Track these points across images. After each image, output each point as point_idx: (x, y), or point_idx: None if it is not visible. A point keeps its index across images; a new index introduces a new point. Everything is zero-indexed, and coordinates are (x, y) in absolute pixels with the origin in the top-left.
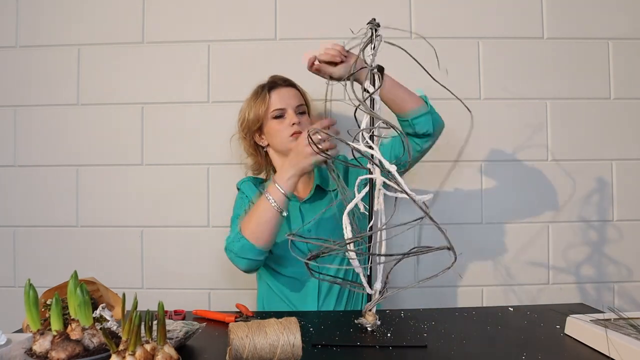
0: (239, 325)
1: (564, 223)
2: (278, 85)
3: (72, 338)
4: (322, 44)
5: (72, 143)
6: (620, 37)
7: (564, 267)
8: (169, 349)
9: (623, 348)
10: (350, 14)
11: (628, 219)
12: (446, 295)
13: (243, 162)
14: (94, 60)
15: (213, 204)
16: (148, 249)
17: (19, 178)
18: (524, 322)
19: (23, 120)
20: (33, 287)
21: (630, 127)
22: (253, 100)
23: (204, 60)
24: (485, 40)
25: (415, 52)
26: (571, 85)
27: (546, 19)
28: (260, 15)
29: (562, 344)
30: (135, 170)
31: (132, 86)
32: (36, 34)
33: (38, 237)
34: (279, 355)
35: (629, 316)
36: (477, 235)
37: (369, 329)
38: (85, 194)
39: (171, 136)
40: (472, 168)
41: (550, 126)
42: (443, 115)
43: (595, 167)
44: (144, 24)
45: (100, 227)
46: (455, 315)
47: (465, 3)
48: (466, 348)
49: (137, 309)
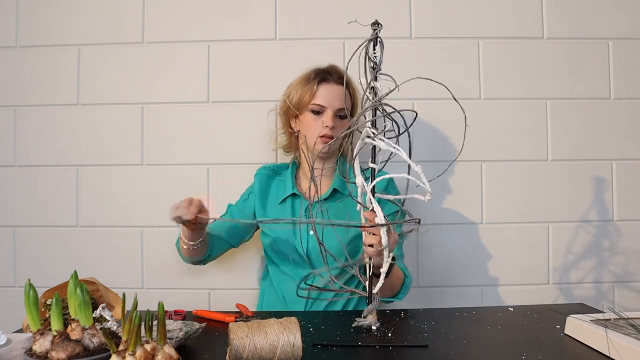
0: (239, 325)
1: (564, 223)
2: (330, 79)
3: (72, 338)
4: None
5: (72, 143)
6: (620, 37)
7: (564, 267)
8: (169, 349)
9: (623, 348)
10: (350, 14)
11: (628, 219)
12: (446, 295)
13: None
14: (94, 60)
15: (213, 204)
16: (148, 249)
17: (19, 178)
18: (524, 322)
19: (23, 120)
20: (33, 287)
21: (630, 127)
22: (302, 84)
23: (204, 60)
24: (485, 40)
25: (415, 52)
26: (571, 85)
27: (546, 19)
28: (260, 15)
29: (562, 344)
30: (135, 170)
31: (132, 86)
32: (36, 34)
33: (38, 237)
34: (279, 355)
35: (629, 316)
36: (477, 235)
37: (373, 327)
38: (85, 194)
39: (171, 136)
40: (472, 168)
41: (550, 126)
42: (443, 115)
43: (595, 167)
44: (144, 24)
45: (100, 227)
46: (455, 315)
47: (465, 3)
48: (466, 348)
49: (137, 309)
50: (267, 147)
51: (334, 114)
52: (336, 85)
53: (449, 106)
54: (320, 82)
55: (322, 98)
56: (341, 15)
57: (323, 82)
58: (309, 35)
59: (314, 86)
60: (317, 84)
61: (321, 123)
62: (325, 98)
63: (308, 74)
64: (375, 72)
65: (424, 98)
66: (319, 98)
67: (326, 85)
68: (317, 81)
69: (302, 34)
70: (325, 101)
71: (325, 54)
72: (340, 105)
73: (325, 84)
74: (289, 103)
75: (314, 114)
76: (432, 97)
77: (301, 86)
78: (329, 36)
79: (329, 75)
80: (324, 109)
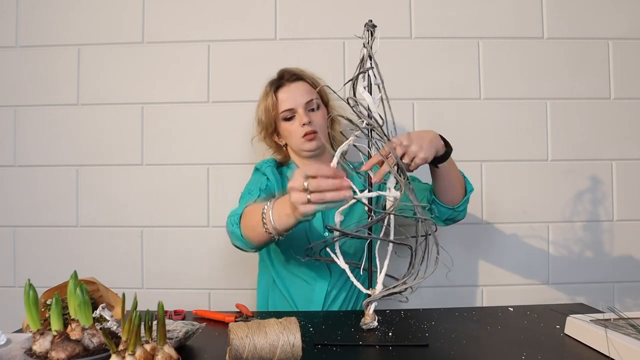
0: (239, 325)
1: (564, 223)
2: (284, 82)
3: (72, 338)
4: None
5: (72, 143)
6: (620, 37)
7: (564, 267)
8: (169, 349)
9: (623, 348)
10: (350, 14)
11: (628, 219)
12: (446, 295)
13: (242, 162)
14: (94, 60)
15: (213, 204)
16: (148, 249)
17: (19, 178)
18: (524, 322)
19: (23, 120)
20: (33, 287)
21: (630, 127)
22: (263, 101)
23: (204, 60)
24: (485, 40)
25: (415, 53)
26: (571, 85)
27: (546, 19)
28: (260, 15)
29: (562, 344)
30: (135, 170)
31: (132, 86)
32: (36, 34)
33: (38, 237)
34: (279, 355)
35: (629, 316)
36: (477, 235)
37: (373, 326)
38: (85, 194)
39: (171, 136)
40: (472, 168)
41: (550, 126)
42: (443, 115)
43: (595, 167)
44: (144, 24)
45: (100, 227)
46: (455, 315)
47: (465, 3)
48: (466, 348)
49: (137, 309)
50: (267, 146)
51: (304, 110)
52: (292, 84)
53: (448, 106)
54: (276, 89)
55: (286, 101)
56: (341, 15)
57: (279, 88)
58: (309, 35)
59: (273, 96)
60: (274, 92)
61: (297, 124)
62: (289, 99)
63: (264, 90)
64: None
65: (424, 98)
66: (283, 103)
67: (284, 89)
68: (273, 90)
69: (302, 34)
70: (290, 103)
71: (325, 54)
72: (307, 97)
73: (282, 88)
74: (263, 123)
75: (287, 121)
76: (432, 97)
77: (263, 103)
78: (329, 36)
79: (281, 79)
80: (293, 111)
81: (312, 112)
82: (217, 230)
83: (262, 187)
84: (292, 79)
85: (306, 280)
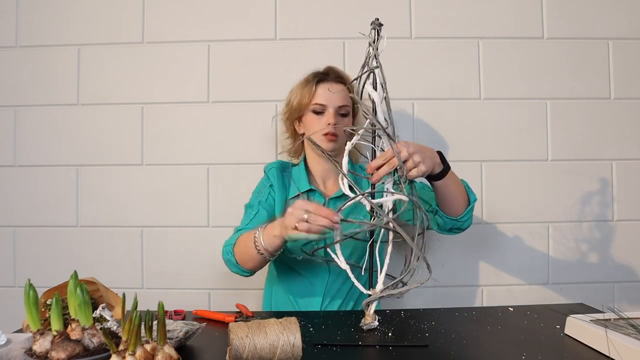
0: (239, 325)
1: (564, 223)
2: (328, 79)
3: (72, 338)
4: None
5: (72, 143)
6: (620, 37)
7: (564, 267)
8: (169, 349)
9: (623, 348)
10: (350, 14)
11: (628, 219)
12: (446, 295)
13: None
14: (94, 60)
15: (213, 204)
16: (148, 249)
17: (19, 178)
18: (524, 322)
19: (23, 120)
20: (33, 287)
21: (630, 127)
22: (301, 87)
23: (204, 60)
24: (485, 40)
25: (415, 53)
26: (571, 85)
27: (546, 19)
28: (260, 15)
29: (562, 344)
30: (135, 170)
31: (132, 86)
32: (36, 34)
33: (38, 237)
34: (279, 355)
35: (629, 316)
36: (477, 235)
37: (373, 326)
38: (85, 194)
39: (171, 136)
40: (472, 168)
41: (550, 126)
42: (443, 115)
43: (595, 167)
44: (144, 24)
45: (100, 227)
46: (455, 315)
47: (465, 3)
48: (466, 348)
49: (137, 309)
50: (267, 147)
51: (335, 111)
52: (335, 84)
53: (448, 106)
54: (319, 82)
55: (322, 97)
56: (341, 15)
57: (321, 82)
58: (309, 35)
59: (313, 87)
60: (316, 84)
61: (324, 121)
62: (325, 97)
63: (307, 77)
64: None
65: (424, 98)
66: (319, 97)
67: (325, 85)
68: (316, 82)
69: (302, 34)
70: (325, 100)
71: (325, 54)
72: (340, 102)
73: (324, 84)
74: (292, 106)
75: (315, 114)
76: (432, 97)
77: (300, 89)
78: (329, 36)
79: (326, 75)
80: (324, 107)
81: (341, 117)
82: (217, 230)
83: (262, 200)
84: (336, 80)
85: (305, 276)
